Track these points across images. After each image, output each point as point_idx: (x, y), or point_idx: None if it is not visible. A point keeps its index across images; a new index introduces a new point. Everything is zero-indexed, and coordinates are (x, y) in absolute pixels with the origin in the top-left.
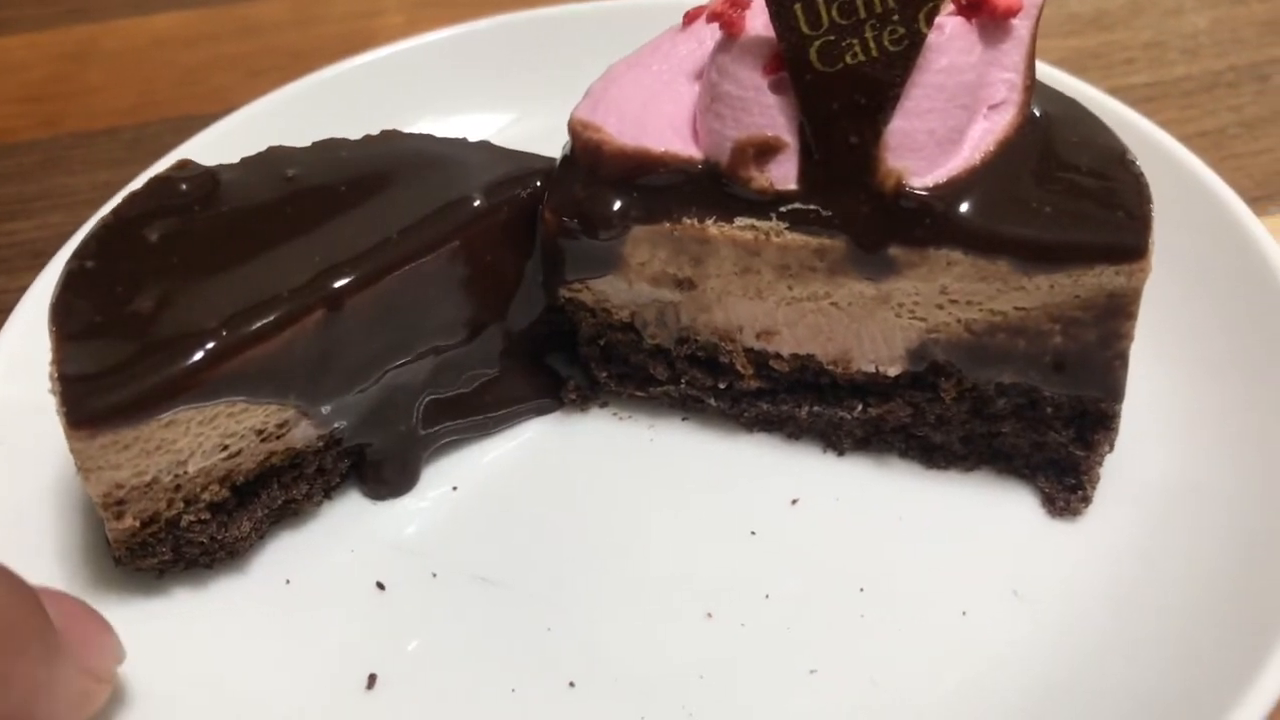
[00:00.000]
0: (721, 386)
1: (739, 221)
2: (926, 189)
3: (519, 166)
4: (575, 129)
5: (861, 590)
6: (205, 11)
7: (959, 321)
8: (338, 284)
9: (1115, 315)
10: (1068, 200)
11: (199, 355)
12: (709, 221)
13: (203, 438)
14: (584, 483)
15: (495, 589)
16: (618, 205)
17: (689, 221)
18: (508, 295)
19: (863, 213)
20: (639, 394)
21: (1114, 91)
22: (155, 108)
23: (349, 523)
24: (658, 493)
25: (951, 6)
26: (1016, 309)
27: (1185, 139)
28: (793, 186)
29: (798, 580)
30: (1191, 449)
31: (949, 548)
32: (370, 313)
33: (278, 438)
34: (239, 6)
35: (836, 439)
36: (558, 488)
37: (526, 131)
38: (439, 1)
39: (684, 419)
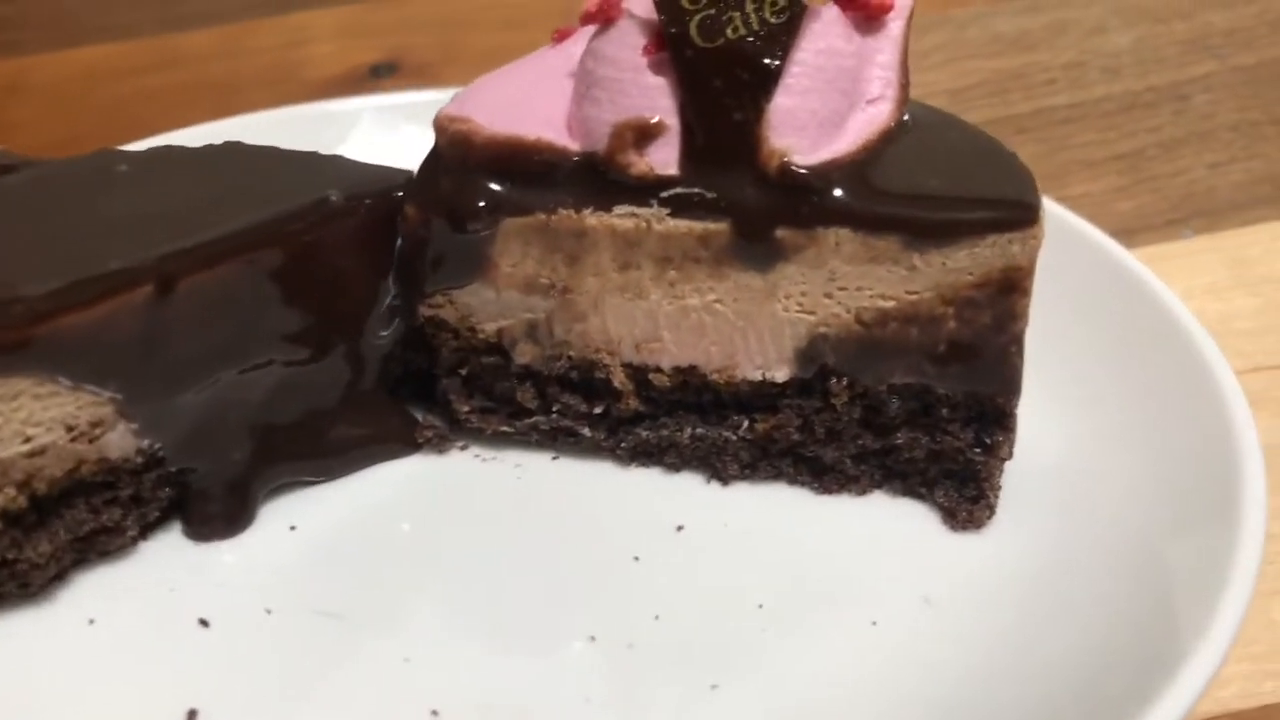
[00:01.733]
0: (597, 412)
1: (618, 210)
2: (811, 167)
3: (379, 175)
4: (442, 124)
5: (760, 607)
6: (131, 44)
7: (849, 311)
8: (171, 262)
9: (1010, 292)
10: (956, 178)
11: (10, 313)
12: (586, 211)
13: (1, 419)
14: (443, 518)
15: (342, 623)
16: (487, 195)
17: (565, 212)
18: (359, 315)
19: (747, 194)
20: (505, 429)
21: (1035, 113)
22: (81, 143)
23: (166, 560)
24: (527, 525)
25: None
26: (908, 293)
27: (1103, 161)
28: (674, 171)
29: (689, 601)
30: (1092, 452)
31: (852, 561)
32: (204, 301)
33: (90, 440)
34: (165, 38)
35: (721, 465)
36: (414, 524)
37: None
38: (368, 31)
39: (555, 458)
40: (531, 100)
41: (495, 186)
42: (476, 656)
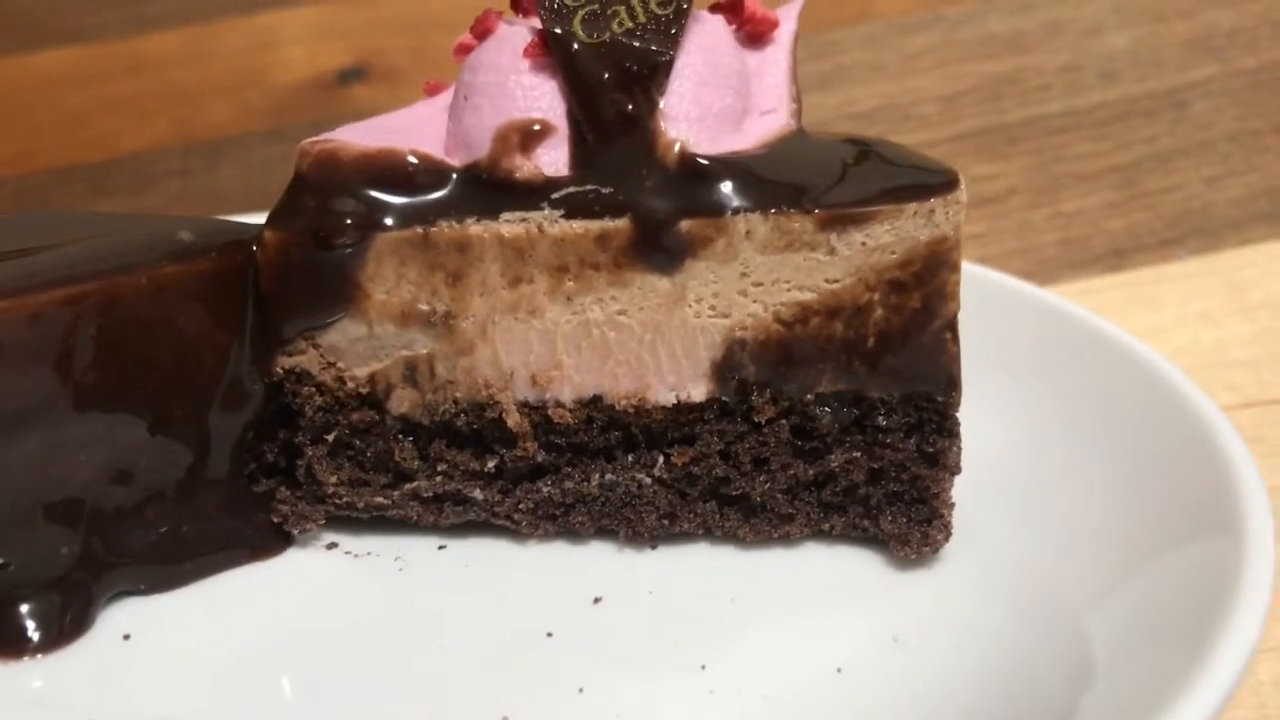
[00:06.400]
0: (490, 469)
1: (506, 216)
2: (712, 156)
3: (237, 228)
4: (304, 149)
5: (704, 668)
6: (93, 48)
7: (766, 310)
8: None
9: (937, 269)
10: (867, 161)
11: None
12: (469, 220)
13: None
14: (312, 618)
15: None
16: (356, 207)
17: (445, 223)
18: (205, 384)
19: (647, 187)
20: (380, 500)
21: (1027, 122)
22: (38, 157)
23: None
24: (413, 617)
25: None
26: (828, 281)
27: (1097, 174)
28: (565, 171)
29: (617, 671)
30: (1045, 464)
31: (804, 610)
32: (21, 344)
33: None
34: (128, 41)
35: (636, 518)
36: (278, 626)
37: None
38: (337, 32)
39: (442, 547)
40: (405, 132)
41: (366, 197)
42: None
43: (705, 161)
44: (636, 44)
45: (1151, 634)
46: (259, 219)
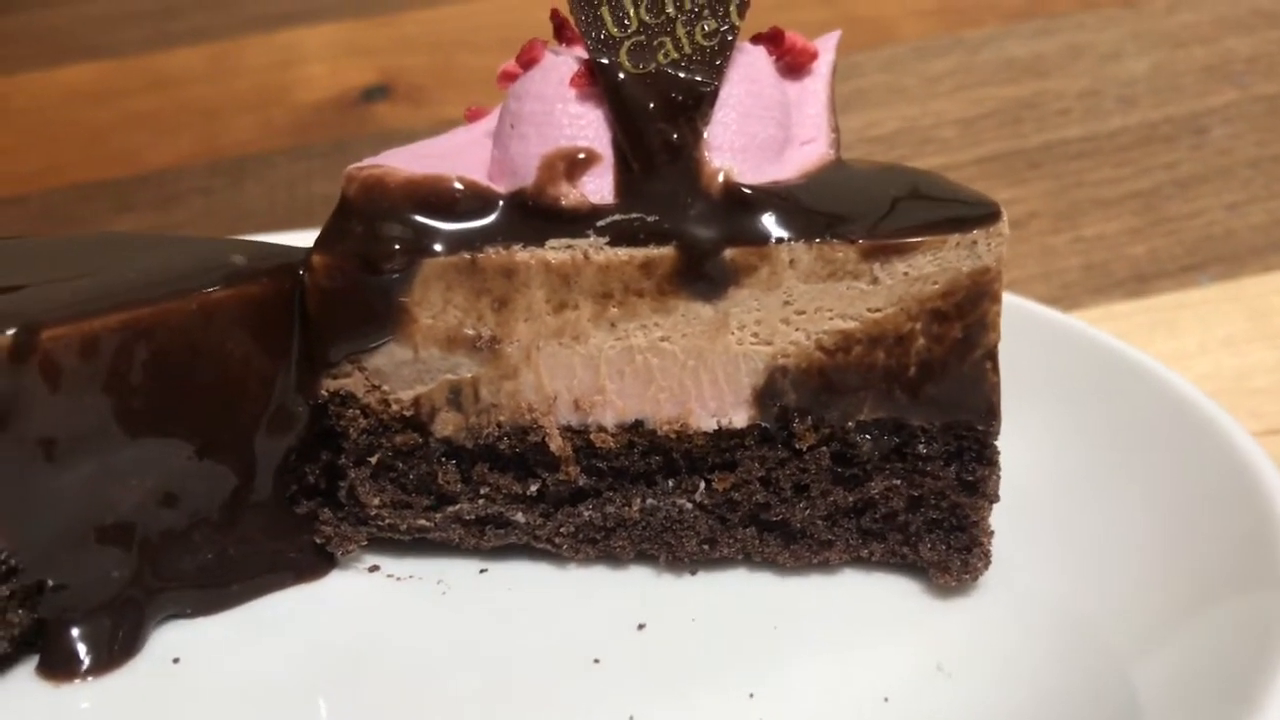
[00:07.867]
0: (532, 492)
1: (552, 243)
2: (756, 186)
3: (285, 252)
4: (351, 174)
5: (751, 696)
6: (116, 63)
7: (808, 338)
8: (35, 317)
9: (979, 299)
10: (909, 190)
11: None
12: (516, 247)
13: None
14: (357, 646)
15: None
16: (404, 233)
17: (492, 250)
18: (252, 408)
19: (692, 215)
20: (423, 523)
21: (1047, 146)
22: (62, 172)
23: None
24: (459, 644)
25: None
26: (870, 310)
27: (1118, 199)
28: (610, 199)
29: (667, 697)
30: (1085, 492)
31: (848, 636)
32: (75, 369)
33: None
34: (151, 57)
35: (676, 543)
36: (323, 654)
37: None
38: (360, 49)
39: (483, 570)
40: (449, 158)
41: (413, 223)
42: None
43: (749, 191)
44: (682, 74)
45: (1197, 678)
46: (283, 237)
